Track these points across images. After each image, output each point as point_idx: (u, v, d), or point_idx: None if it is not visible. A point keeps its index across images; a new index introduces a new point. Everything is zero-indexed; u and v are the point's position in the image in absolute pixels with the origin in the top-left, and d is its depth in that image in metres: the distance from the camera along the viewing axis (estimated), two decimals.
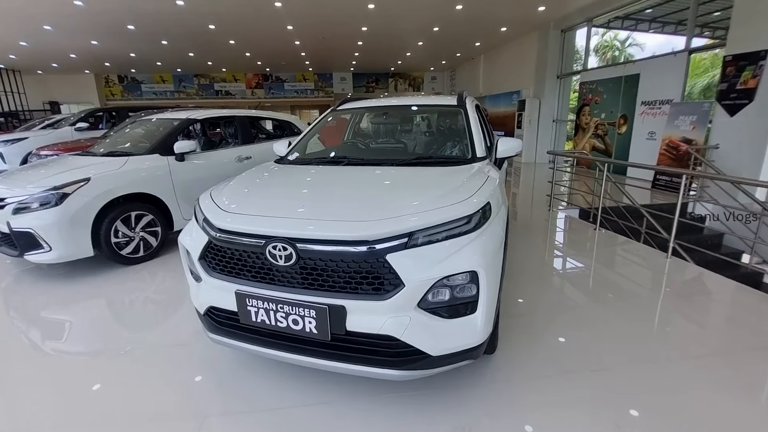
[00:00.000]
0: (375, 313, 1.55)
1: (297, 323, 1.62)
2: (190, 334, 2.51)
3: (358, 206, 1.73)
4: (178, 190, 4.02)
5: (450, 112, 3.19)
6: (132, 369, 2.21)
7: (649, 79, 7.76)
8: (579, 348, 2.31)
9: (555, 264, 3.94)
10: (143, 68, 16.74)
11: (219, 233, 1.74)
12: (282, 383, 2.03)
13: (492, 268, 1.64)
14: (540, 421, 1.74)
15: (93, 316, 2.93)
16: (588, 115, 9.80)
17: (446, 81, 19.94)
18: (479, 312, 1.62)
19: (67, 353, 2.47)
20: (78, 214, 3.26)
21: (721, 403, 1.86)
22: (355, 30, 10.78)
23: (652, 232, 4.60)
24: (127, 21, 9.37)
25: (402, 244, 1.53)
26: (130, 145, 4.32)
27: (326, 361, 1.64)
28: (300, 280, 1.62)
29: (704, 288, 3.27)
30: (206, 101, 18.47)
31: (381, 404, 1.86)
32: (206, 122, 5.19)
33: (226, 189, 2.12)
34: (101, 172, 3.50)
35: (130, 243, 3.66)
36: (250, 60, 15.34)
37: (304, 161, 2.74)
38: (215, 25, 9.94)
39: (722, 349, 2.33)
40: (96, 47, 11.94)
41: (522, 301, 2.91)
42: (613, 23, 10.78)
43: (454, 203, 1.69)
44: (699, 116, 6.35)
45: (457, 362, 1.67)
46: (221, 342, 1.88)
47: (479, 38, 12.40)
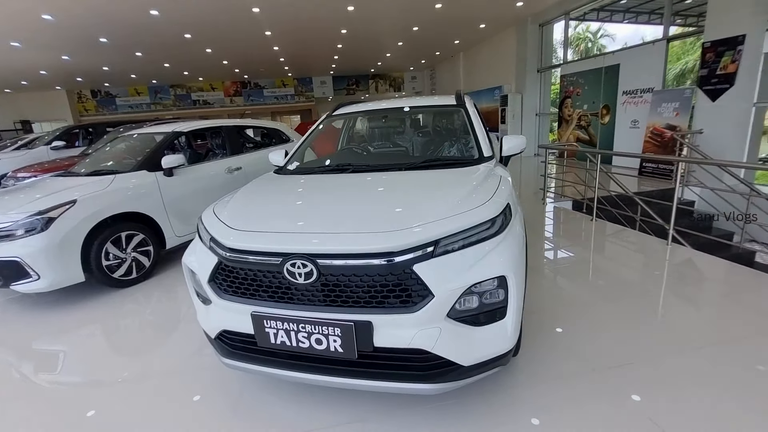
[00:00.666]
0: (404, 327, 1.48)
1: (321, 342, 1.54)
2: (192, 355, 2.41)
3: (378, 216, 1.66)
4: (168, 207, 3.87)
5: (450, 111, 3.14)
6: (133, 397, 2.09)
7: (630, 69, 7.90)
8: (599, 343, 2.28)
9: (555, 256, 3.94)
10: (117, 81, 16.26)
11: (230, 253, 1.65)
12: (304, 403, 1.94)
13: (519, 271, 1.59)
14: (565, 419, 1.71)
15: (88, 344, 2.77)
16: (570, 107, 9.93)
17: (426, 80, 20.00)
18: (509, 317, 1.57)
19: (62, 384, 2.32)
20: (66, 238, 3.09)
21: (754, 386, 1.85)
22: (335, 33, 10.69)
23: (646, 218, 4.66)
24: (99, 34, 9.05)
25: (429, 253, 1.47)
26: (115, 163, 4.15)
27: (354, 380, 1.56)
28: (322, 298, 1.54)
29: (706, 271, 3.31)
30: (184, 112, 18.03)
31: (412, 418, 1.79)
32: (192, 134, 5.04)
33: (230, 204, 2.01)
34: (88, 193, 3.33)
35: (122, 265, 3.50)
36: (227, 68, 15.07)
37: (307, 170, 2.64)
38: (191, 34, 9.70)
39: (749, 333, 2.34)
40: (67, 62, 11.52)
41: (533, 299, 2.88)
42: (589, 15, 10.96)
43: (476, 207, 1.63)
44: (681, 103, 6.48)
45: (488, 370, 1.62)
46: (236, 367, 1.78)
47: (458, 36, 12.45)
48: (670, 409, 1.75)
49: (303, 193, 2.19)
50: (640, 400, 1.81)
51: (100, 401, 2.07)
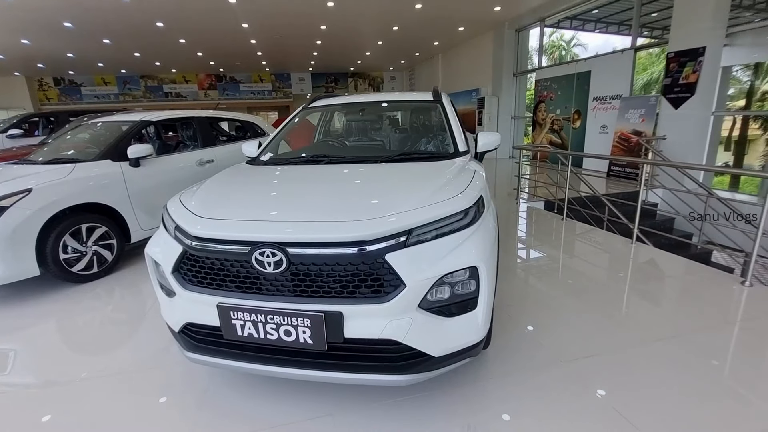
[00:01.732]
0: (375, 317, 1.47)
1: (289, 334, 1.50)
2: (155, 354, 2.31)
3: (351, 205, 1.64)
4: (134, 199, 3.71)
5: (427, 107, 3.15)
6: (92, 397, 1.97)
7: (600, 76, 8.20)
8: (566, 336, 2.34)
9: (530, 256, 4.03)
10: (82, 69, 15.48)
11: (195, 242, 1.58)
12: (272, 398, 1.89)
13: (490, 263, 1.61)
14: (543, 410, 1.74)
15: (42, 342, 2.60)
16: (544, 111, 10.21)
17: (405, 80, 20.11)
18: (480, 308, 1.58)
19: (13, 386, 2.15)
20: (19, 229, 2.91)
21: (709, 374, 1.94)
22: (314, 29, 10.57)
23: (613, 218, 4.85)
24: (63, 18, 8.57)
25: (401, 242, 1.46)
26: (76, 152, 3.94)
27: (324, 373, 1.53)
28: (291, 288, 1.50)
29: (668, 269, 3.46)
30: (155, 104, 17.37)
31: (384, 410, 1.78)
32: (161, 124, 4.86)
33: (198, 193, 1.94)
34: (44, 182, 3.15)
35: (82, 259, 3.33)
36: (202, 60, 14.62)
37: (280, 161, 2.59)
38: (164, 23, 9.35)
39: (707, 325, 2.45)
40: (28, 47, 10.86)
41: (503, 294, 2.92)
42: (563, 23, 11.30)
43: (449, 198, 1.63)
44: (647, 109, 6.78)
45: (459, 361, 1.62)
46: (201, 361, 1.71)
47: (437, 37, 12.57)
48: (631, 397, 1.81)
49: (275, 182, 2.14)
50: (603, 390, 1.87)
51: (56, 404, 1.95)
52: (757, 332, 2.36)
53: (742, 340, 2.31)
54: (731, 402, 1.79)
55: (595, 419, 1.70)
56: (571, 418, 1.71)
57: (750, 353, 2.18)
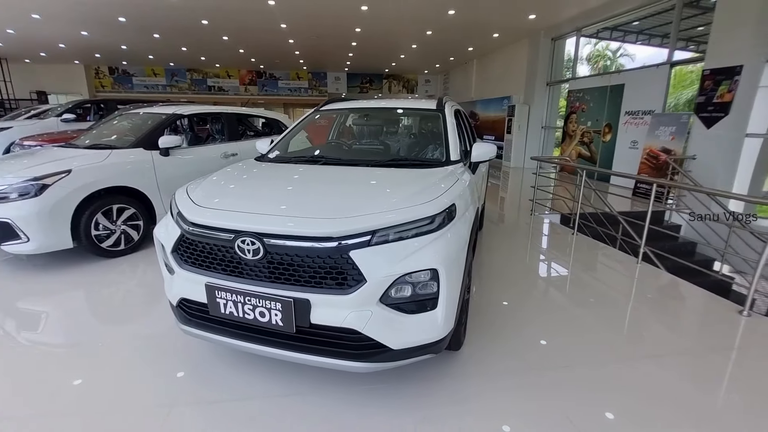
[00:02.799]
0: (338, 307, 1.62)
1: (263, 315, 1.67)
2: (167, 327, 2.54)
3: (327, 204, 1.80)
4: (161, 185, 4.04)
5: (429, 115, 3.27)
6: (107, 361, 2.23)
7: (633, 90, 7.95)
8: (550, 347, 2.40)
9: (534, 267, 4.05)
10: (135, 61, 16.58)
11: (191, 227, 1.79)
12: (253, 374, 2.08)
13: (454, 267, 1.72)
14: (500, 412, 1.83)
15: (71, 308, 2.93)
16: (575, 123, 9.99)
17: (440, 84, 20.09)
18: (440, 308, 1.69)
19: (43, 344, 2.46)
20: (57, 205, 3.27)
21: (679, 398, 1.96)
22: (349, 31, 10.84)
23: (627, 238, 4.74)
24: (118, 13, 9.30)
25: (366, 241, 1.60)
26: (115, 138, 4.33)
27: (291, 353, 1.69)
28: (267, 274, 1.68)
29: (671, 293, 3.40)
30: (199, 96, 18.31)
31: (351, 395, 1.93)
32: (193, 118, 5.22)
33: (201, 185, 2.17)
34: (83, 165, 3.51)
35: (111, 236, 3.67)
36: (243, 56, 15.29)
37: (284, 159, 2.79)
38: (208, 21, 9.91)
39: (682, 349, 2.44)
40: (86, 38, 11.81)
41: (500, 301, 2.99)
42: (602, 33, 10.99)
43: (419, 204, 1.76)
44: (678, 127, 6.53)
45: (417, 356, 1.74)
46: (192, 333, 1.93)
47: (472, 43, 12.55)
48: (589, 412, 1.86)
49: (270, 179, 2.34)
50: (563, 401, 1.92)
51: (78, 364, 2.20)
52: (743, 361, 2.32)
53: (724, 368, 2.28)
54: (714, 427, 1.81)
55: (546, 425, 1.77)
56: (522, 420, 1.79)
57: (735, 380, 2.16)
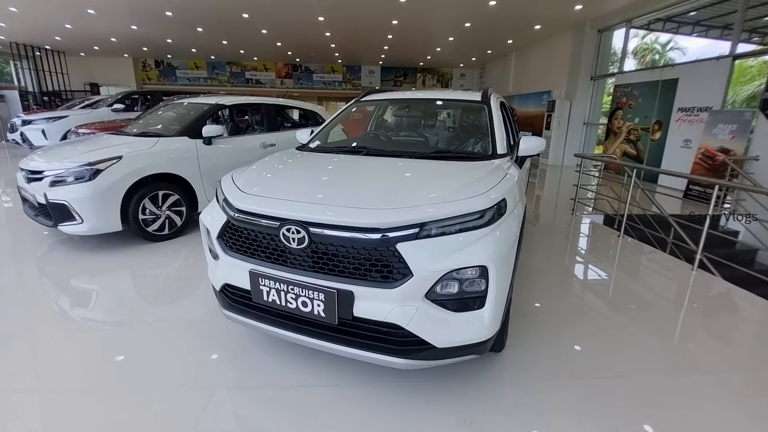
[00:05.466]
0: (382, 301, 1.57)
1: (306, 305, 1.66)
2: (208, 311, 2.60)
3: (373, 195, 1.75)
4: (204, 173, 4.15)
5: (474, 107, 3.15)
6: (151, 340, 2.32)
7: (689, 85, 7.42)
8: (591, 355, 2.27)
9: (574, 269, 3.86)
10: (179, 54, 17.23)
11: (237, 213, 1.80)
12: (293, 363, 2.09)
13: (503, 265, 1.63)
14: (541, 422, 1.73)
15: (118, 287, 3.07)
16: (621, 119, 9.47)
17: (475, 78, 19.64)
18: (487, 307, 1.62)
19: (92, 321, 2.59)
20: (109, 189, 3.42)
21: (732, 418, 1.79)
22: (386, 23, 10.75)
23: (679, 242, 4.43)
24: (165, 8, 9.66)
25: (413, 234, 1.54)
26: (162, 127, 4.48)
27: (332, 344, 1.67)
28: (311, 264, 1.66)
29: (730, 304, 3.14)
30: (237, 89, 18.84)
31: (388, 390, 1.89)
32: (234, 108, 5.32)
33: (246, 172, 2.18)
34: (133, 151, 3.65)
35: (157, 221, 3.81)
36: (280, 50, 15.54)
37: (325, 149, 2.77)
38: (249, 14, 10.11)
39: (741, 366, 2.24)
40: (135, 32, 12.37)
41: (537, 303, 2.87)
42: (654, 25, 10.31)
43: (469, 197, 1.68)
44: (740, 125, 6.04)
45: (461, 356, 1.67)
46: (234, 319, 1.95)
47: (512, 35, 12.14)
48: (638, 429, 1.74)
49: (313, 168, 2.32)
50: (615, 413, 1.80)
51: (122, 341, 2.31)
52: None
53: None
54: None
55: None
56: None
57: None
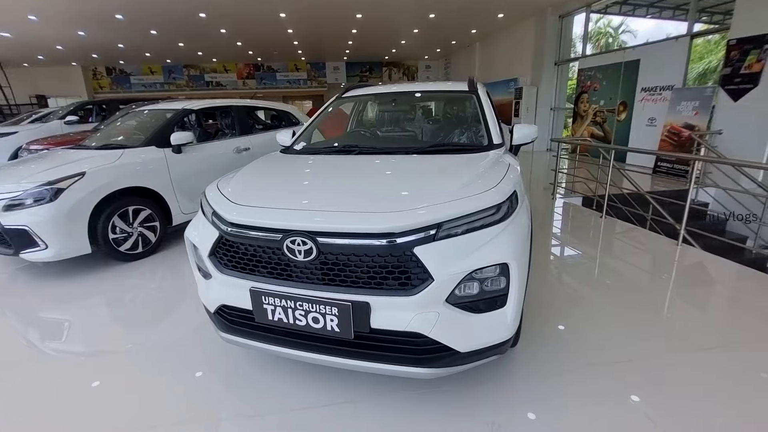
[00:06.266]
0: (401, 310, 1.47)
1: (317, 321, 1.53)
2: (194, 330, 2.43)
3: (381, 197, 1.64)
4: (175, 184, 3.89)
5: (462, 98, 3.08)
6: (135, 369, 2.12)
7: (650, 65, 7.69)
8: (601, 339, 2.25)
9: (561, 253, 3.89)
10: (132, 60, 16.33)
11: (231, 227, 1.64)
12: (298, 381, 1.95)
13: (522, 260, 1.56)
14: (572, 415, 1.69)
15: (93, 314, 2.81)
16: (586, 103, 9.73)
17: (441, 70, 19.75)
18: (509, 305, 1.55)
19: (67, 353, 2.36)
20: (74, 209, 3.13)
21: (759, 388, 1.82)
22: (350, 17, 10.55)
23: (658, 218, 4.57)
24: (115, 10, 9.05)
25: (430, 236, 1.44)
26: (125, 138, 4.17)
27: (350, 360, 1.55)
28: (320, 276, 1.53)
29: (717, 274, 3.24)
30: (197, 93, 18.10)
31: (406, 402, 1.79)
32: (202, 113, 5.04)
33: (234, 180, 2.01)
34: (96, 166, 3.36)
35: (129, 239, 3.54)
36: (241, 49, 15.01)
37: (312, 150, 2.62)
38: (206, 14, 9.65)
39: (748, 336, 2.29)
40: (83, 38, 11.57)
41: (537, 292, 2.84)
42: (612, 9, 10.64)
43: (481, 192, 1.60)
44: (702, 102, 6.30)
45: (485, 358, 1.60)
46: (234, 342, 1.79)
47: (475, 25, 12.22)
48: (665, 406, 1.73)
49: (307, 171, 2.18)
50: (637, 397, 1.79)
51: (102, 371, 2.11)
52: None
53: None
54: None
55: (623, 426, 1.63)
56: (597, 422, 1.66)
57: None
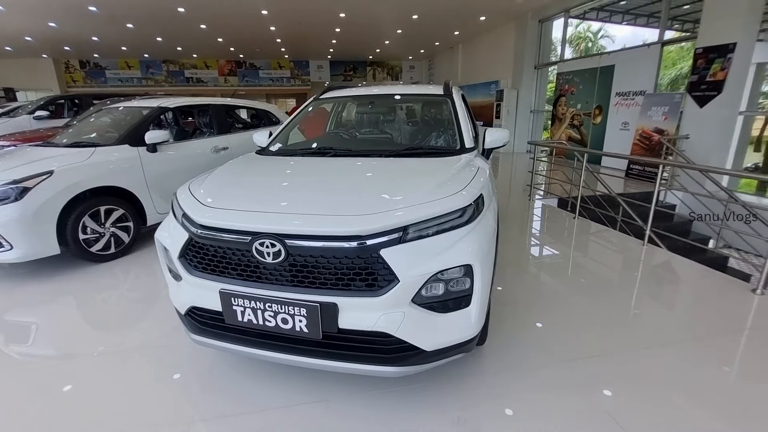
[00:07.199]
0: (368, 310, 1.51)
1: (286, 322, 1.55)
2: (167, 333, 2.40)
3: (350, 200, 1.67)
4: (150, 183, 3.82)
5: (436, 101, 3.14)
6: (106, 372, 2.09)
7: (624, 71, 7.95)
8: (567, 336, 2.34)
9: (536, 252, 4.00)
10: (107, 53, 15.85)
11: (200, 230, 1.64)
12: (271, 382, 1.96)
13: (486, 261, 1.62)
14: (528, 408, 1.76)
15: (62, 317, 2.75)
16: (564, 106, 9.97)
17: (424, 70, 19.86)
18: (473, 305, 1.60)
19: (34, 357, 2.29)
20: (41, 209, 3.04)
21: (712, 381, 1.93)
22: (333, 16, 10.52)
23: (628, 219, 4.75)
24: (88, 2, 8.78)
25: (396, 238, 1.48)
26: (97, 135, 4.07)
27: (318, 360, 1.58)
28: (289, 278, 1.55)
29: (678, 273, 3.40)
30: (176, 89, 17.68)
31: (376, 399, 1.83)
32: (179, 111, 4.96)
33: (206, 182, 2.00)
34: (66, 165, 3.27)
35: (100, 239, 3.46)
36: (222, 46, 14.75)
37: (288, 152, 2.63)
38: (185, 9, 9.46)
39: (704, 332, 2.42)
40: (54, 30, 11.16)
41: (502, 289, 2.93)
42: (589, 14, 10.93)
43: (447, 196, 1.65)
44: (671, 107, 6.55)
45: (450, 356, 1.65)
46: (204, 343, 1.79)
47: (458, 27, 12.35)
48: (627, 402, 1.81)
49: (280, 174, 2.19)
50: (600, 392, 1.87)
51: (73, 375, 2.06)
52: (761, 340, 2.31)
53: (748, 347, 2.27)
54: (734, 407, 1.78)
55: (585, 421, 1.71)
56: (560, 417, 1.73)
57: (755, 361, 2.15)
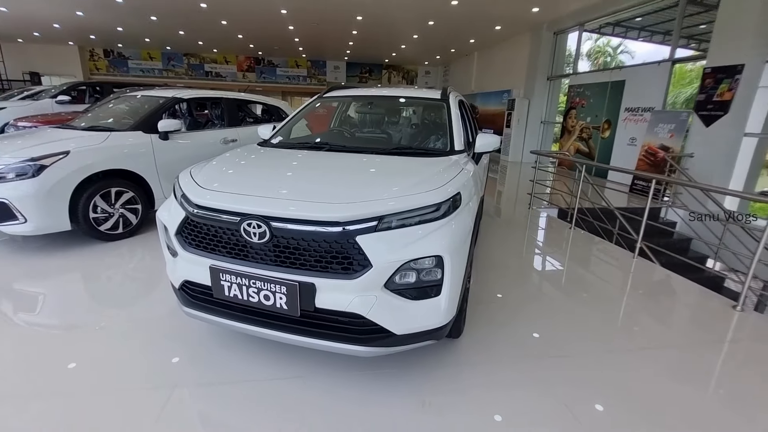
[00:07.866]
0: (343, 292, 1.63)
1: (268, 299, 1.68)
2: (166, 310, 2.54)
3: (333, 189, 1.80)
4: (160, 169, 4.01)
5: (433, 105, 3.26)
6: (105, 343, 2.23)
7: (634, 86, 7.96)
8: (544, 336, 2.43)
9: (530, 260, 4.08)
10: (130, 43, 16.30)
11: (196, 209, 1.79)
12: (255, 357, 2.10)
13: (458, 255, 1.73)
14: (498, 398, 1.86)
15: (68, 290, 2.91)
16: (574, 118, 9.99)
17: (440, 76, 19.95)
18: (443, 295, 1.71)
19: (39, 326, 2.44)
20: (55, 187, 3.24)
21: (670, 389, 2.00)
22: (350, 18, 10.71)
23: (624, 233, 4.79)
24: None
25: (372, 227, 1.61)
26: (113, 121, 4.27)
27: (295, 336, 1.71)
28: (273, 258, 1.68)
29: (666, 288, 3.45)
30: (196, 82, 18.08)
31: (352, 380, 1.95)
32: (193, 102, 5.15)
33: (206, 167, 2.16)
34: (81, 146, 3.47)
35: (109, 219, 3.65)
36: (242, 42, 15.07)
37: (287, 145, 2.78)
38: (207, 5, 9.74)
39: (675, 342, 2.49)
40: (81, 18, 11.57)
41: (497, 293, 3.02)
42: (604, 29, 10.94)
43: (425, 191, 1.76)
44: (677, 125, 6.56)
45: (420, 342, 1.76)
46: (195, 316, 1.93)
47: (474, 35, 12.45)
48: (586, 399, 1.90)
49: (275, 164, 2.33)
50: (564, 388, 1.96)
51: (75, 346, 2.19)
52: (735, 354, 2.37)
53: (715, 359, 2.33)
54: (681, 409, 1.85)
55: (543, 411, 1.81)
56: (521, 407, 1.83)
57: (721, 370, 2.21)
